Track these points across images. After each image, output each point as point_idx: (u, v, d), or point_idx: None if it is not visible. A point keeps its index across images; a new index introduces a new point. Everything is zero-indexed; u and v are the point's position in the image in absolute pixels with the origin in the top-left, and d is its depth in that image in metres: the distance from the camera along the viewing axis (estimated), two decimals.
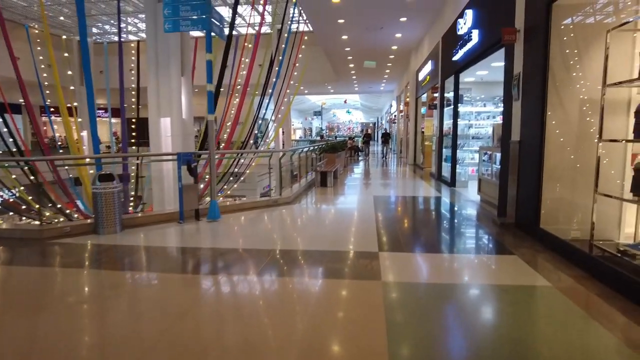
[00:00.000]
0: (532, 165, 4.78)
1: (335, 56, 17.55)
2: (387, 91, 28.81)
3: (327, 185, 9.58)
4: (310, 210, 7.07)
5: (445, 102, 10.37)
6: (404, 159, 18.91)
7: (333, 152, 12.34)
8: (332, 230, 5.44)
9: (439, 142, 10.65)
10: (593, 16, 4.34)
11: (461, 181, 9.26)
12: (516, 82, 5.20)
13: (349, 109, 46.19)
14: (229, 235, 5.35)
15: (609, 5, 4.22)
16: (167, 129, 10.10)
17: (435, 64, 11.72)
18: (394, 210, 7.04)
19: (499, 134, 6.47)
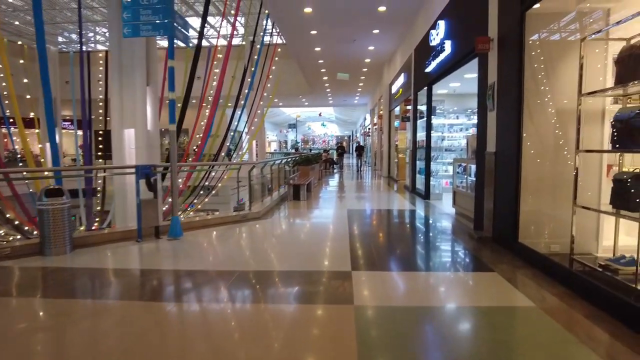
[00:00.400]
0: (509, 177, 4.63)
1: (309, 68, 17.44)
2: (361, 104, 28.98)
3: (300, 198, 9.26)
4: (281, 225, 6.71)
5: (419, 114, 10.32)
6: (379, 171, 18.84)
7: (307, 164, 12.07)
8: (303, 248, 5.10)
9: (413, 154, 10.55)
10: (567, 25, 4.27)
11: (435, 194, 9.14)
12: (491, 92, 5.09)
13: (324, 121, 46.27)
14: (189, 255, 4.92)
15: (584, 15, 4.16)
16: (131, 140, 9.57)
17: (407, 76, 11.71)
18: (368, 224, 6.78)
19: (473, 145, 6.35)
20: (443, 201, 8.84)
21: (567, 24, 4.28)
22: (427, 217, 7.28)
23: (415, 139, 10.36)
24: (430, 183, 9.11)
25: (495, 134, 5.04)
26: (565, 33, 4.30)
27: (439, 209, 7.86)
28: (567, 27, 4.29)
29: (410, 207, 8.41)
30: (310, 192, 10.96)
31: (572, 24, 4.26)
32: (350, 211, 7.70)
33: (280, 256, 4.78)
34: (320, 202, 9.22)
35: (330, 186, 13.33)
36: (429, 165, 9.10)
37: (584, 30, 4.14)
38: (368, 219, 7.17)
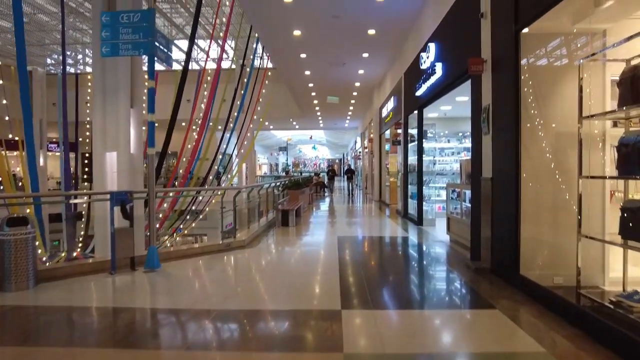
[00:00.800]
0: (508, 204, 4.36)
1: (299, 92, 17.38)
2: (352, 127, 29.02)
3: (289, 224, 8.90)
4: (267, 255, 6.32)
5: (409, 138, 10.15)
6: (370, 195, 18.59)
7: (296, 188, 11.76)
8: (289, 282, 4.72)
9: (404, 178, 10.32)
10: (564, 46, 4.12)
11: (428, 219, 8.86)
12: (485, 115, 4.89)
13: (314, 144, 46.32)
14: (165, 290, 4.52)
15: (580, 36, 4.01)
16: (114, 164, 9.21)
17: (398, 100, 11.63)
18: (359, 253, 6.43)
19: (467, 170, 6.13)
20: (436, 227, 8.56)
21: (564, 44, 4.13)
22: (420, 245, 6.97)
23: (407, 162, 10.16)
24: (423, 208, 8.84)
25: (491, 159, 4.81)
26: (561, 54, 4.15)
27: (432, 236, 7.55)
28: (564, 48, 4.14)
29: (402, 234, 8.10)
30: (299, 217, 10.61)
31: (569, 45, 4.11)
32: (340, 238, 7.36)
33: (263, 292, 4.40)
34: (309, 228, 8.87)
35: (321, 211, 13.00)
36: (421, 190, 8.86)
37: (581, 51, 3.99)
38: (359, 247, 6.83)
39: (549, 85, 4.18)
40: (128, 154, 9.26)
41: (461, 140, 10.61)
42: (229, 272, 5.32)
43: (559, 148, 4.16)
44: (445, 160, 10.67)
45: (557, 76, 4.16)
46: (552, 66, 4.22)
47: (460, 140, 10.61)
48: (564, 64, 4.13)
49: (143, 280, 4.80)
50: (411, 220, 9.53)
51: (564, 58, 4.14)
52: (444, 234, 7.36)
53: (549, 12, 3.78)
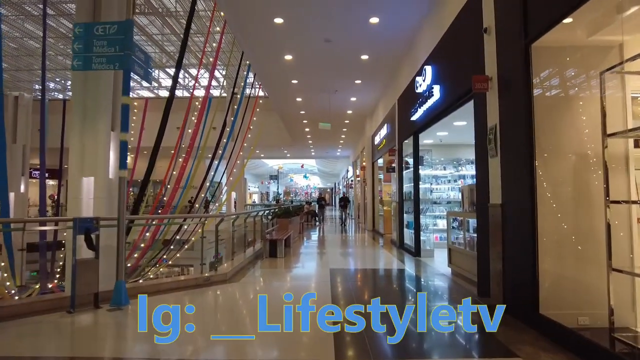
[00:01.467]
0: (523, 234, 3.88)
1: (291, 119, 17.13)
2: (344, 156, 28.80)
3: (277, 255, 8.28)
4: (250, 292, 5.67)
5: (404, 164, 9.77)
6: (362, 224, 18.03)
7: (286, 217, 11.19)
8: (272, 327, 4.11)
9: (399, 207, 9.85)
10: (580, 59, 3.77)
11: (426, 250, 8.32)
12: (492, 136, 4.49)
13: (306, 173, 45.99)
14: (127, 335, 3.87)
15: (597, 49, 3.68)
16: (91, 190, 8.60)
17: (391, 127, 11.33)
18: (354, 289, 5.80)
19: (470, 197, 5.68)
20: (435, 259, 8.00)
21: (579, 58, 3.78)
22: (420, 278, 6.39)
23: (402, 190, 9.71)
24: (420, 238, 8.32)
25: (500, 183, 4.36)
26: (578, 68, 3.80)
27: (432, 269, 6.99)
28: (579, 62, 3.79)
29: (400, 266, 7.52)
30: (289, 247, 9.98)
31: (585, 58, 3.76)
32: (333, 271, 6.75)
33: (239, 343, 3.77)
34: (299, 260, 8.25)
35: (312, 240, 12.37)
36: (418, 219, 8.36)
37: (600, 65, 3.64)
38: (353, 282, 6.20)
39: (565, 102, 3.81)
40: (106, 179, 8.69)
41: (457, 168, 10.25)
42: (203, 313, 4.65)
43: (578, 170, 3.73)
44: (441, 189, 10.26)
45: (573, 92, 3.80)
46: (567, 81, 3.86)
47: (456, 167, 10.26)
48: (580, 79, 3.78)
49: (104, 320, 4.14)
50: (407, 251, 8.97)
51: (580, 72, 3.79)
52: (445, 266, 6.81)
53: (561, 23, 3.46)
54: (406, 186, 9.67)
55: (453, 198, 10.14)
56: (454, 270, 6.27)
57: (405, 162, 9.67)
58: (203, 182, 14.32)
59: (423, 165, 8.68)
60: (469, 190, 5.77)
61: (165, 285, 5.37)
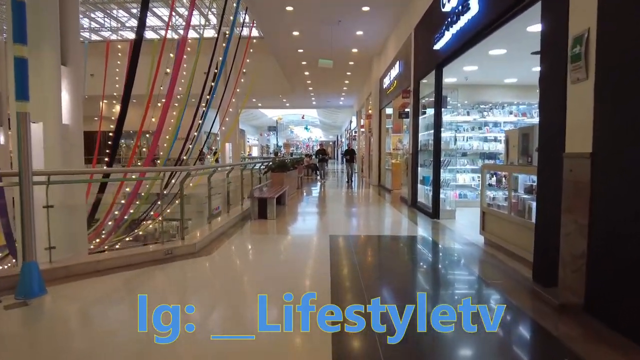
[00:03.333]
0: (633, 199, 2.41)
1: (287, 60, 15.19)
2: (347, 106, 26.85)
3: (268, 216, 6.91)
4: (223, 270, 4.28)
5: (421, 108, 8.14)
6: (367, 179, 16.63)
7: (282, 170, 9.75)
8: (251, 324, 2.77)
9: (413, 159, 8.35)
10: None
11: (446, 211, 6.92)
12: (580, 49, 2.88)
13: (307, 125, 44.06)
14: (21, 347, 2.54)
15: None
16: (39, 138, 7.10)
17: (405, 64, 9.56)
18: (361, 267, 4.37)
19: (523, 144, 4.16)
20: (457, 222, 6.63)
21: None
22: (445, 250, 5.01)
23: (417, 139, 8.16)
24: (439, 197, 6.89)
25: (590, 122, 2.82)
26: None
27: (457, 236, 5.61)
28: None
29: (416, 232, 6.15)
30: (284, 205, 8.63)
31: None
32: (333, 238, 5.39)
33: (199, 347, 2.43)
34: (294, 223, 6.88)
35: (311, 197, 11.00)
36: (438, 174, 6.88)
37: None
38: (360, 257, 4.76)
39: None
40: (59, 126, 7.17)
41: (482, 113, 8.61)
42: (158, 301, 3.31)
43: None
44: (463, 137, 8.70)
45: None
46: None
47: (481, 112, 8.62)
48: None
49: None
50: (422, 211, 7.59)
51: None
52: (473, 232, 5.45)
53: None
54: (422, 134, 8.12)
55: (476, 149, 8.61)
56: (488, 239, 4.89)
57: (423, 105, 8.04)
58: (189, 131, 12.79)
59: (446, 108, 7.06)
60: (520, 135, 4.23)
61: (110, 262, 4.00)
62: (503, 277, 3.79)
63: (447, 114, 7.44)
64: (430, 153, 7.79)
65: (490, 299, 3.36)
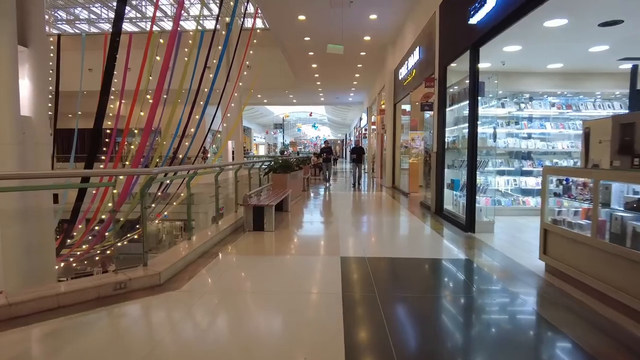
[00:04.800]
0: None
1: (293, 51, 13.98)
2: (356, 102, 25.57)
3: (265, 228, 5.71)
4: (191, 317, 3.00)
5: (449, 98, 6.88)
6: (379, 180, 15.35)
7: (285, 171, 8.54)
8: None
9: (438, 159, 7.10)
10: None
11: (483, 223, 5.66)
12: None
13: (315, 123, 42.84)
14: None
15: None
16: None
17: (426, 50, 8.31)
18: (388, 319, 2.96)
19: (620, 138, 2.90)
20: (497, 236, 5.36)
21: None
22: (499, 284, 3.72)
23: (443, 135, 6.90)
24: (475, 205, 5.63)
25: None
26: None
27: (507, 259, 4.33)
28: None
29: (452, 252, 4.88)
30: (287, 212, 7.44)
31: None
32: (346, 263, 4.17)
33: None
34: (296, 238, 5.64)
35: (318, 202, 9.78)
36: (473, 177, 5.62)
37: None
38: (384, 296, 3.43)
39: None
40: (17, 118, 6.07)
41: (520, 105, 7.31)
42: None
43: None
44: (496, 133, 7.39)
45: None
46: None
47: (518, 104, 7.32)
48: None
49: None
50: (451, 222, 6.34)
51: None
52: (522, 252, 4.23)
53: None
54: (449, 130, 6.87)
55: (512, 147, 7.32)
56: (554, 268, 3.62)
57: (451, 95, 6.78)
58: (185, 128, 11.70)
59: (484, 95, 5.79)
60: (616, 127, 2.96)
61: (28, 305, 2.82)
62: (603, 340, 2.53)
63: (482, 106, 6.17)
64: (459, 152, 6.54)
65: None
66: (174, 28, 9.91)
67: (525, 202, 7.31)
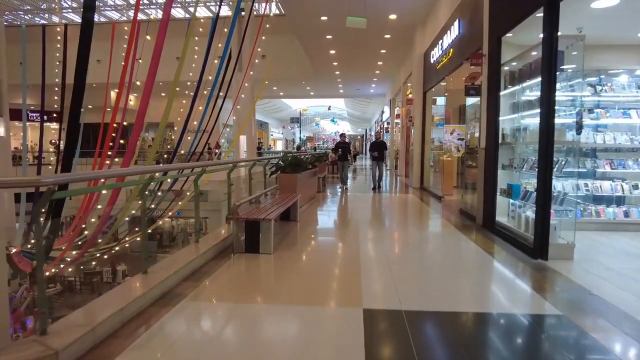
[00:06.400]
0: None
1: (309, 35, 12.50)
2: (378, 94, 23.88)
3: (261, 250, 4.29)
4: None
5: (505, 78, 5.29)
6: (403, 178, 13.74)
7: (294, 171, 7.10)
8: None
9: (489, 157, 5.53)
10: None
11: (559, 246, 4.09)
12: None
13: (334, 117, 41.22)
14: None
15: None
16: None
17: (469, 22, 6.72)
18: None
19: None
20: (582, 266, 3.79)
21: None
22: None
23: (496, 127, 5.32)
24: (549, 222, 4.05)
25: None
26: None
27: (631, 319, 2.78)
28: None
29: (536, 305, 3.28)
30: (295, 221, 6.02)
31: None
32: (371, 320, 2.71)
33: None
34: (300, 270, 4.12)
35: (334, 209, 8.29)
36: (548, 183, 4.04)
37: None
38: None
39: None
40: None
41: (596, 89, 5.63)
42: None
43: None
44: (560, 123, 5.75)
45: None
46: None
47: (594, 87, 5.63)
48: None
49: None
50: (508, 240, 4.77)
51: None
52: (631, 296, 2.68)
53: None
54: (505, 119, 5.29)
55: (585, 141, 5.64)
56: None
57: (508, 74, 5.18)
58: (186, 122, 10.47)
59: (562, 70, 4.19)
60: None
61: None
62: None
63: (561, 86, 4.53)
64: (520, 148, 4.96)
65: None
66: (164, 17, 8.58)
67: (599, 212, 5.69)
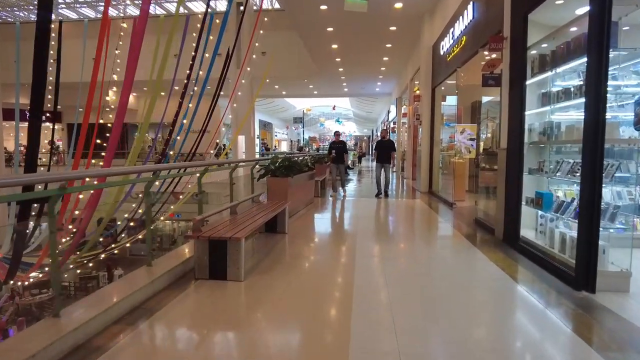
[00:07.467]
0: None
1: (310, 29, 11.64)
2: (384, 93, 22.94)
3: (228, 276, 3.42)
4: None
5: (532, 64, 4.37)
6: (410, 181, 12.83)
7: (285, 175, 6.22)
8: None
9: (511, 159, 4.62)
10: None
11: (610, 274, 3.17)
12: None
13: (338, 117, 40.29)
14: None
15: None
16: None
17: (483, 5, 5.82)
18: None
19: None
20: (631, 305, 2.88)
21: None
22: None
23: (522, 123, 4.40)
24: (598, 243, 3.14)
25: None
26: None
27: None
28: None
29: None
30: (283, 233, 5.15)
31: None
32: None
33: None
34: (275, 305, 3.13)
35: (331, 217, 7.40)
36: (597, 193, 3.13)
37: None
38: None
39: None
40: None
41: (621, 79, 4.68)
42: None
43: None
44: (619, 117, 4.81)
45: None
46: None
47: None
48: None
49: None
50: (537, 262, 3.86)
51: None
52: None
53: None
54: (532, 113, 4.38)
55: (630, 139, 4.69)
56: None
57: (536, 59, 4.27)
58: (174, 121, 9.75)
59: (617, 48, 3.29)
60: None
61: None
62: None
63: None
64: (545, 150, 4.06)
65: None
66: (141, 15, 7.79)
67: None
